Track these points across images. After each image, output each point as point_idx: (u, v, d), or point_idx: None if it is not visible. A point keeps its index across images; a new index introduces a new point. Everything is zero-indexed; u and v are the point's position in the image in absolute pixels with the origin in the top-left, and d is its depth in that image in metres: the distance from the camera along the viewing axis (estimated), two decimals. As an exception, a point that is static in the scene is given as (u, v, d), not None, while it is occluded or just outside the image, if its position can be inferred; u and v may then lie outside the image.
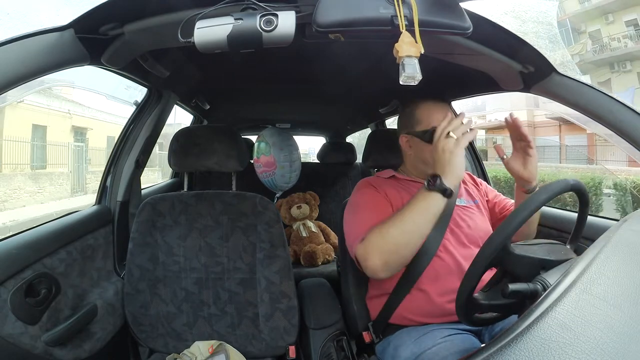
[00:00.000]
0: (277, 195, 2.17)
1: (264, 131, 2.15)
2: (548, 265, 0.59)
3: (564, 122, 13.25)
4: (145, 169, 1.30)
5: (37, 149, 8.24)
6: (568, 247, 0.68)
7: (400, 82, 0.60)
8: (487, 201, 1.05)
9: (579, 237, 0.69)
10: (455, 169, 0.75)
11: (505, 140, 13.44)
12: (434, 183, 0.75)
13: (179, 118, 2.15)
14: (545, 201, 0.58)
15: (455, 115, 1.49)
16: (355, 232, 0.87)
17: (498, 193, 1.08)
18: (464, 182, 1.06)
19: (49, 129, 8.62)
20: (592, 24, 11.06)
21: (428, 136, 0.91)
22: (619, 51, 10.92)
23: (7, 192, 6.33)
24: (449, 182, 0.75)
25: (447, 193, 0.74)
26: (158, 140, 1.32)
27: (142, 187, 1.36)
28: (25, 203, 6.54)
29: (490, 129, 14.26)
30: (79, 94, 9.85)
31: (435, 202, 0.75)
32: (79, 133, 9.81)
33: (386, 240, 0.78)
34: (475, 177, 1.13)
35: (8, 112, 7.41)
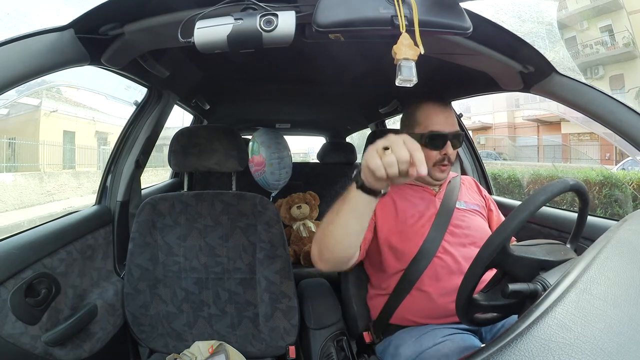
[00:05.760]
0: (273, 194, 2.18)
1: (255, 133, 2.20)
2: (547, 265, 0.59)
3: (541, 123, 13.92)
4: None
5: (68, 151, 9.83)
6: (568, 246, 0.68)
7: (396, 84, 0.61)
8: (490, 210, 1.05)
9: (579, 237, 0.69)
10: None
11: (488, 141, 13.80)
12: (358, 179, 0.66)
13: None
14: (544, 202, 0.58)
15: (456, 115, 1.49)
16: None
17: (498, 209, 1.08)
18: (465, 185, 1.07)
19: (77, 134, 10.32)
20: (568, 32, 11.19)
21: (425, 139, 0.92)
22: (592, 57, 11.08)
23: (55, 187, 7.61)
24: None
25: (359, 184, 0.64)
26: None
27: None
28: (69, 196, 7.81)
29: (475, 130, 14.94)
30: (101, 102, 11.22)
31: (352, 197, 0.67)
32: (102, 137, 11.20)
33: (319, 227, 0.77)
34: (479, 185, 1.13)
35: (43, 120, 9.07)
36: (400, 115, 1.09)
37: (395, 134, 0.59)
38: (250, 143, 2.16)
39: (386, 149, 0.57)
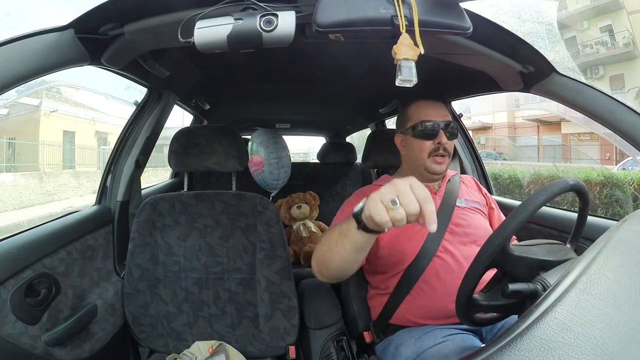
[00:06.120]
0: (272, 194, 2.19)
1: (253, 133, 2.21)
2: (547, 265, 0.59)
3: (541, 123, 13.98)
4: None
5: (68, 151, 9.92)
6: (568, 246, 0.68)
7: (396, 84, 0.61)
8: (491, 209, 1.05)
9: (579, 236, 0.69)
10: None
11: (488, 141, 13.75)
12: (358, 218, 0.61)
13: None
14: (544, 202, 0.58)
15: (455, 116, 1.49)
16: None
17: (499, 208, 1.08)
18: (465, 184, 1.07)
19: (76, 134, 10.42)
20: (568, 32, 11.18)
21: (416, 130, 0.94)
22: (592, 57, 11.07)
23: (55, 187, 7.66)
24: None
25: (360, 225, 0.60)
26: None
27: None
28: (68, 196, 7.86)
29: (475, 130, 15.00)
30: (101, 102, 11.33)
31: (352, 233, 0.63)
32: (102, 137, 11.29)
33: (319, 247, 0.76)
34: (479, 183, 1.13)
35: (43, 120, 9.18)
36: None
37: (401, 178, 0.55)
38: (249, 143, 2.17)
39: (393, 201, 0.52)
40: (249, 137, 2.31)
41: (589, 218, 0.70)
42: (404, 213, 0.51)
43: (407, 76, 0.59)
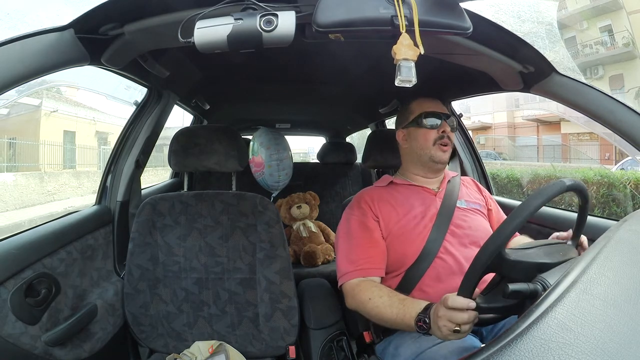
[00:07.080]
0: (274, 195, 2.18)
1: (255, 133, 2.19)
2: (545, 268, 0.58)
3: (541, 123, 14.01)
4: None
5: (69, 151, 9.99)
6: (569, 243, 0.68)
7: (396, 84, 0.61)
8: (489, 210, 1.05)
9: (580, 234, 0.69)
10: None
11: (487, 141, 13.72)
12: (422, 326, 0.71)
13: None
14: (540, 206, 0.57)
15: (455, 114, 1.50)
16: (343, 264, 0.92)
17: (499, 207, 1.08)
18: (465, 185, 1.07)
19: (77, 134, 10.48)
20: (568, 32, 11.18)
21: (420, 120, 0.97)
22: (592, 57, 11.08)
23: (55, 187, 7.71)
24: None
25: (422, 330, 0.71)
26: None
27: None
28: (69, 195, 7.90)
29: (474, 130, 15.03)
30: (101, 102, 11.34)
31: (408, 325, 0.74)
32: (102, 137, 11.33)
33: (364, 306, 0.84)
34: (479, 184, 1.13)
35: (43, 120, 9.23)
36: None
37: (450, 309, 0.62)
38: (251, 142, 2.16)
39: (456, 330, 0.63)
40: (249, 137, 2.31)
41: (589, 218, 0.70)
42: (467, 329, 0.63)
43: (406, 76, 0.59)
